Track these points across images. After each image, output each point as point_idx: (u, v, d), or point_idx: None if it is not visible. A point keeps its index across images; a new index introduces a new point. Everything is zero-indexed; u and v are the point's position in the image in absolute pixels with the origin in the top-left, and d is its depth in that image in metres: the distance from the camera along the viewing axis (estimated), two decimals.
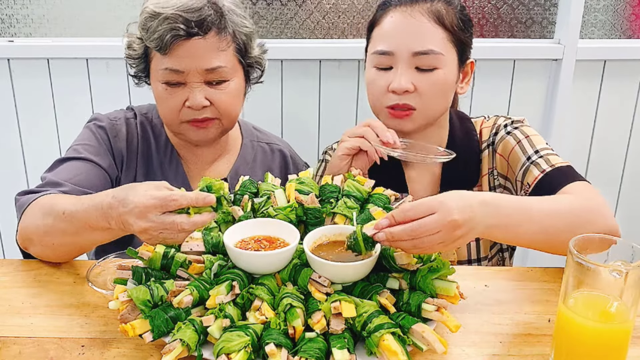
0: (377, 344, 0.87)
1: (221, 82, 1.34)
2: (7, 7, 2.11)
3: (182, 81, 1.31)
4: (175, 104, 1.33)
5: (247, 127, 1.57)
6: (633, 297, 0.82)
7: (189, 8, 1.27)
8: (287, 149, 1.58)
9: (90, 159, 1.36)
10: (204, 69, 1.30)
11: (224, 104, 1.35)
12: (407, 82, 1.27)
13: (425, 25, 1.27)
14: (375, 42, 1.33)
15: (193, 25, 1.27)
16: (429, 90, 1.28)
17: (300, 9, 2.11)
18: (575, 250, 0.84)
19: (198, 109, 1.32)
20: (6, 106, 2.15)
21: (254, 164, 1.51)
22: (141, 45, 1.34)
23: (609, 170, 2.28)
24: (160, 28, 1.26)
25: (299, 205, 1.11)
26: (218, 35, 1.31)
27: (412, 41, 1.27)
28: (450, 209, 0.92)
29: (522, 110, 2.18)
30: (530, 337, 0.98)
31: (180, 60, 1.29)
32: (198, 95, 1.31)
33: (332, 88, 2.13)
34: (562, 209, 1.07)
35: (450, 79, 1.31)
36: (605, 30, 2.20)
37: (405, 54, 1.28)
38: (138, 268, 1.01)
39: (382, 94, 1.31)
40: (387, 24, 1.31)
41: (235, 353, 0.85)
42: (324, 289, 0.94)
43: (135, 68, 1.40)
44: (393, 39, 1.29)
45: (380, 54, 1.30)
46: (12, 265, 1.20)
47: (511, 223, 1.02)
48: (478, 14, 2.13)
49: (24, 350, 0.94)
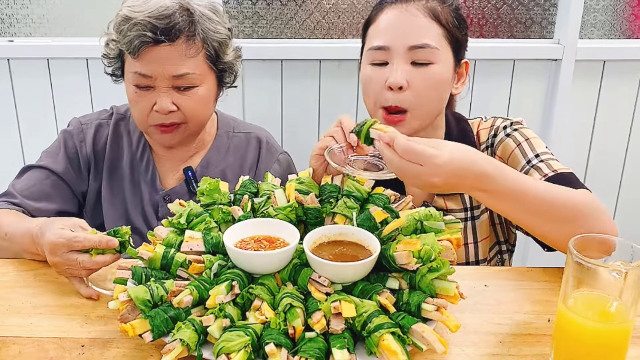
0: (377, 344, 0.87)
1: (189, 87, 1.35)
2: (7, 7, 2.11)
3: (150, 85, 1.34)
4: (144, 107, 1.35)
5: (225, 120, 1.57)
6: (633, 297, 0.82)
7: (159, 15, 1.29)
8: (263, 135, 1.55)
9: (47, 167, 1.43)
10: (171, 75, 1.32)
11: (191, 109, 1.36)
12: (403, 79, 1.26)
13: (421, 20, 1.27)
14: (370, 39, 1.32)
15: (160, 33, 1.29)
16: (423, 86, 1.27)
17: (300, 9, 2.11)
18: (575, 250, 0.84)
19: (165, 113, 1.34)
20: (6, 106, 2.15)
21: (227, 153, 1.51)
22: (116, 46, 1.37)
23: (609, 170, 2.28)
24: (130, 33, 1.29)
25: (299, 205, 1.11)
26: (187, 42, 1.32)
27: (408, 35, 1.27)
28: (435, 172, 0.97)
29: (521, 110, 2.18)
30: (530, 337, 0.98)
31: (148, 65, 1.31)
32: (165, 100, 1.33)
33: (332, 88, 2.13)
34: (562, 197, 1.08)
35: (445, 76, 1.30)
36: (605, 31, 2.20)
37: (401, 48, 1.27)
38: (138, 268, 1.01)
39: (378, 92, 1.29)
40: (382, 20, 1.31)
41: (235, 353, 0.85)
42: (324, 288, 0.94)
43: (111, 67, 1.43)
44: (389, 33, 1.29)
45: (376, 49, 1.29)
46: (12, 265, 1.20)
47: (502, 201, 1.05)
48: (478, 14, 2.14)
49: (24, 350, 0.94)
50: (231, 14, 2.12)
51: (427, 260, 0.96)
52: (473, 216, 1.36)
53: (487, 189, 1.03)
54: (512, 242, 1.45)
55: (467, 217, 1.36)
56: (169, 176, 1.49)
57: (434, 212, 1.05)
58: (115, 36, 1.35)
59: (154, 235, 1.09)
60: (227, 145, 1.52)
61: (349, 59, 2.08)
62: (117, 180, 1.47)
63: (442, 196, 1.35)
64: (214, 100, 1.45)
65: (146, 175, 1.47)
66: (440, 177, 0.98)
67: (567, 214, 1.07)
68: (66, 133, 1.48)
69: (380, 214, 1.07)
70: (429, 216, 1.04)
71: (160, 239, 1.08)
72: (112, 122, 1.49)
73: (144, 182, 1.47)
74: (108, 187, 1.47)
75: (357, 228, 1.04)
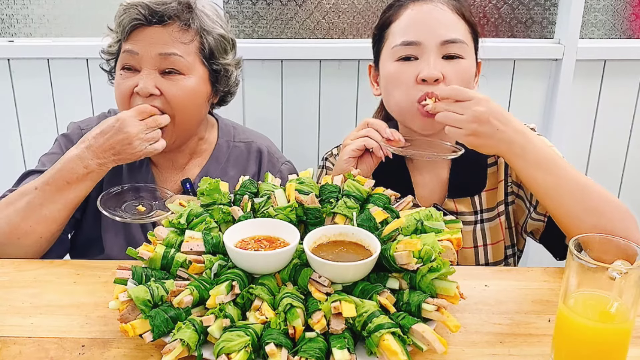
0: (377, 344, 0.87)
1: (174, 72, 1.32)
2: (7, 7, 2.11)
3: (136, 67, 1.32)
4: (126, 87, 1.32)
5: (226, 128, 1.53)
6: (633, 297, 0.82)
7: (158, 1, 1.30)
8: (264, 145, 1.52)
9: None
10: (158, 53, 1.30)
11: (176, 97, 1.32)
12: (438, 70, 1.25)
13: (450, 15, 1.28)
14: (395, 36, 1.30)
15: (152, 14, 1.30)
16: (456, 79, 1.27)
17: (300, 9, 2.11)
18: (575, 250, 0.84)
19: (145, 95, 1.30)
20: (6, 106, 2.15)
21: (227, 163, 1.48)
22: (115, 38, 1.37)
23: (609, 169, 2.28)
24: (124, 16, 1.31)
25: (299, 205, 1.11)
26: (180, 28, 1.32)
27: (440, 30, 1.26)
28: (481, 101, 1.10)
29: (522, 110, 2.18)
30: (531, 337, 0.98)
31: (136, 43, 1.31)
32: (147, 80, 1.30)
33: (332, 88, 2.13)
34: (597, 187, 1.11)
35: (472, 70, 1.32)
36: (605, 30, 2.20)
37: (434, 43, 1.26)
38: (138, 268, 1.01)
39: (411, 87, 1.26)
40: (408, 16, 1.30)
41: (235, 353, 0.85)
42: (324, 288, 0.94)
43: (110, 66, 1.43)
44: (419, 28, 1.28)
45: (406, 44, 1.27)
46: (12, 265, 1.20)
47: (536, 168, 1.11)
48: (478, 14, 2.14)
49: (24, 350, 0.94)
50: (231, 14, 2.12)
51: (428, 260, 0.96)
52: (483, 219, 1.36)
53: (525, 147, 1.08)
54: (520, 248, 1.44)
55: (477, 219, 1.36)
56: (168, 185, 1.46)
57: (434, 212, 1.05)
58: (114, 26, 1.35)
59: (154, 236, 1.09)
60: (226, 155, 1.49)
61: (349, 59, 2.08)
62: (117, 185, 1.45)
63: (452, 199, 1.35)
64: (205, 101, 1.40)
65: (145, 184, 1.43)
66: (485, 107, 1.09)
67: (599, 203, 1.09)
68: (65, 137, 1.46)
69: (381, 214, 1.07)
70: (429, 216, 1.04)
71: (160, 239, 1.08)
72: None
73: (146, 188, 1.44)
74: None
75: (357, 228, 1.04)
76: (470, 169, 1.35)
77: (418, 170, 1.39)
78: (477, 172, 1.36)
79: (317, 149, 2.19)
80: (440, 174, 1.38)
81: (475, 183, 1.36)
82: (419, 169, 1.39)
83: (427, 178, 1.39)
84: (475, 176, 1.36)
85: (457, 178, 1.36)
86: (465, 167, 1.34)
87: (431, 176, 1.39)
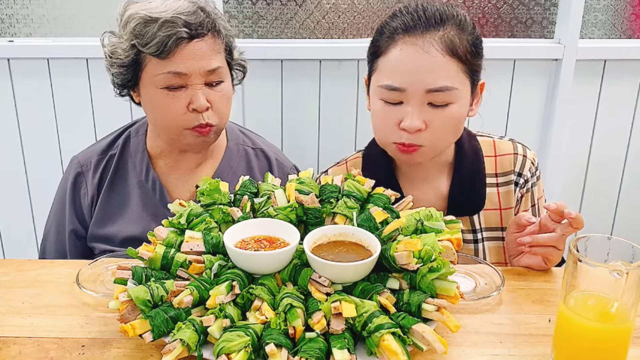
0: (377, 344, 0.87)
1: (219, 82, 1.34)
2: (7, 7, 2.11)
3: (183, 84, 1.31)
4: (179, 108, 1.31)
5: (234, 131, 1.54)
6: (633, 297, 0.82)
7: (186, 11, 1.28)
8: (272, 153, 1.53)
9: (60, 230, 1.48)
10: (206, 70, 1.31)
11: (220, 105, 1.35)
12: (420, 122, 1.20)
13: (438, 60, 1.18)
14: (382, 74, 1.23)
15: (194, 28, 1.28)
16: (440, 126, 1.22)
17: (300, 9, 2.11)
18: (575, 250, 0.84)
19: (203, 110, 1.31)
20: (6, 106, 2.15)
21: (238, 168, 1.48)
22: (131, 52, 1.31)
23: (609, 170, 2.28)
24: (161, 33, 1.26)
25: (299, 205, 1.11)
26: (213, 38, 1.33)
27: (425, 78, 1.18)
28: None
29: (522, 110, 2.18)
30: (531, 337, 0.98)
31: (183, 62, 1.29)
32: (201, 97, 1.31)
33: (332, 88, 2.13)
34: None
35: (463, 112, 1.24)
36: (606, 30, 2.20)
37: (418, 92, 1.19)
38: (138, 268, 1.01)
39: (392, 130, 1.23)
40: (395, 57, 1.21)
41: (235, 353, 0.85)
42: (324, 289, 0.94)
43: (122, 77, 1.35)
44: (404, 75, 1.20)
45: (390, 89, 1.21)
46: (12, 265, 1.20)
47: None
48: (478, 14, 2.14)
49: (24, 350, 0.94)
50: (231, 14, 2.12)
51: (428, 260, 0.96)
52: (483, 238, 1.35)
53: None
54: None
55: (475, 239, 1.35)
56: (179, 187, 1.45)
57: (435, 212, 1.05)
58: (135, 41, 1.28)
59: (154, 236, 1.09)
60: (237, 159, 1.50)
61: (349, 59, 2.08)
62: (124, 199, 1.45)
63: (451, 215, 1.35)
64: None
65: (154, 196, 1.43)
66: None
67: None
68: (68, 185, 1.46)
69: (381, 214, 1.07)
70: (429, 216, 1.04)
71: (160, 239, 1.08)
72: (119, 149, 1.46)
73: (151, 203, 1.44)
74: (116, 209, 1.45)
75: (358, 228, 1.04)
76: (469, 186, 1.33)
77: (412, 186, 1.36)
78: (476, 189, 1.34)
79: (317, 149, 2.19)
80: (440, 189, 1.36)
81: (476, 199, 1.33)
82: (412, 184, 1.36)
83: (423, 193, 1.36)
84: (476, 190, 1.34)
85: (458, 197, 1.33)
86: (465, 183, 1.32)
87: (429, 190, 1.36)
